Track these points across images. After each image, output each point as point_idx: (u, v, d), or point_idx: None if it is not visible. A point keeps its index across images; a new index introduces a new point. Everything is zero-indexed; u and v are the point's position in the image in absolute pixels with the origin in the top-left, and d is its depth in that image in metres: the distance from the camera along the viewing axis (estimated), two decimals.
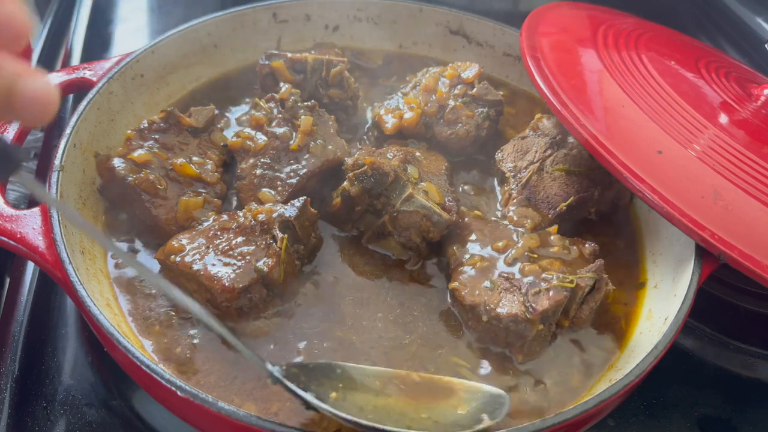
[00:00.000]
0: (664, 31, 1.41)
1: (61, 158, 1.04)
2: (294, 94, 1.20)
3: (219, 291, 0.93)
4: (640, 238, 1.20)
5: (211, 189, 1.10)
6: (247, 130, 1.18)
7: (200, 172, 1.10)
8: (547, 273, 0.98)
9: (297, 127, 1.16)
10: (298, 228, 1.02)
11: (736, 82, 1.24)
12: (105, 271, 1.03)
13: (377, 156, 1.10)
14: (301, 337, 0.98)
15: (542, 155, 1.20)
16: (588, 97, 1.11)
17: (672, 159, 1.02)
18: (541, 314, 0.94)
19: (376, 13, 1.52)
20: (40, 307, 1.08)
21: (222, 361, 0.94)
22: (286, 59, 1.28)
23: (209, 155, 1.14)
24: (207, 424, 0.84)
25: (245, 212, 1.03)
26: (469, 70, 1.32)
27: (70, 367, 1.02)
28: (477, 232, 1.08)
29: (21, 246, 0.95)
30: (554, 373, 0.98)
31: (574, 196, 1.14)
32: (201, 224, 1.03)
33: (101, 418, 0.96)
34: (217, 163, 1.14)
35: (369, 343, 0.98)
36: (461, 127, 1.26)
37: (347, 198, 1.09)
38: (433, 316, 1.03)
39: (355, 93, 1.33)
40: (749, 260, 0.91)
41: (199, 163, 1.12)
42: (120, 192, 1.07)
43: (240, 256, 0.96)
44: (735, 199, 0.98)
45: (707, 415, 1.08)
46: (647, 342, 0.97)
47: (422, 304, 1.05)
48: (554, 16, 1.34)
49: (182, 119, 1.15)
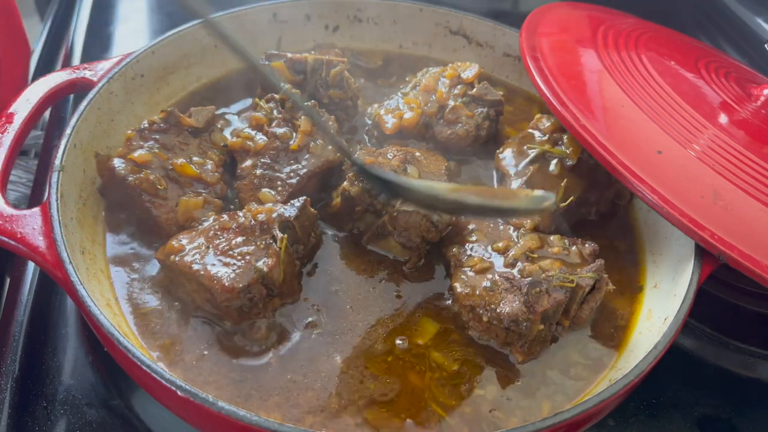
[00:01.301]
0: (664, 31, 1.41)
1: (62, 158, 1.04)
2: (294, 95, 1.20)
3: (219, 291, 0.93)
4: (640, 238, 1.20)
5: (211, 189, 1.10)
6: (247, 130, 1.18)
7: (200, 172, 1.10)
8: (548, 273, 0.98)
9: (297, 127, 1.16)
10: (297, 228, 1.02)
11: (735, 82, 1.25)
12: (105, 271, 1.03)
13: (377, 156, 1.11)
14: (300, 337, 0.98)
15: (542, 155, 1.20)
16: (588, 97, 1.11)
17: (672, 159, 1.02)
18: (542, 314, 0.94)
19: (376, 13, 1.52)
20: (40, 307, 1.08)
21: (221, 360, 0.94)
22: (286, 59, 1.28)
23: (209, 155, 1.14)
24: (207, 423, 0.84)
25: (245, 212, 1.03)
26: (469, 70, 1.32)
27: (70, 367, 1.02)
28: (477, 233, 1.08)
29: (21, 246, 0.95)
30: (554, 373, 0.98)
31: (573, 196, 1.14)
32: (201, 224, 1.03)
33: (101, 418, 0.96)
34: (217, 163, 1.14)
35: (368, 343, 0.98)
36: (461, 127, 1.26)
37: (347, 198, 1.09)
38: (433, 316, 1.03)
39: (355, 93, 1.33)
40: (749, 260, 0.91)
41: (199, 163, 1.12)
42: (120, 192, 1.07)
43: (240, 256, 0.96)
44: (735, 199, 0.98)
45: (707, 415, 1.08)
46: (647, 342, 0.97)
47: (422, 304, 1.05)
48: (554, 16, 1.34)
49: (182, 119, 1.15)
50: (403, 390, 0.94)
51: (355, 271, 1.08)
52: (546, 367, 0.99)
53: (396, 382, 0.94)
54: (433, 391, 0.94)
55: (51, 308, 1.09)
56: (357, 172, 1.07)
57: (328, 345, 0.98)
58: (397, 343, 0.99)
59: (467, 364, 0.98)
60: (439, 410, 0.92)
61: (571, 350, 1.01)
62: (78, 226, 1.03)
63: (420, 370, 0.96)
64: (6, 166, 1.04)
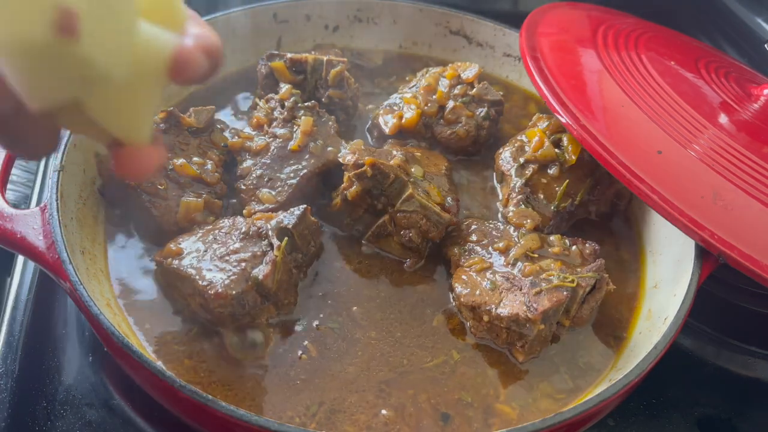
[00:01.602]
0: (664, 31, 1.41)
1: (62, 158, 1.04)
2: (294, 95, 1.20)
3: (212, 297, 0.92)
4: (640, 237, 1.20)
5: (211, 189, 1.10)
6: (248, 130, 1.18)
7: (200, 172, 1.10)
8: (548, 273, 0.98)
9: (297, 127, 1.16)
10: (296, 236, 1.01)
11: (736, 82, 1.25)
12: (105, 271, 1.03)
13: (377, 156, 1.11)
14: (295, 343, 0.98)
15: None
16: (588, 97, 1.12)
17: (672, 159, 1.02)
18: (543, 314, 0.94)
19: (376, 13, 1.52)
20: (40, 307, 1.08)
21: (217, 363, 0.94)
22: (286, 59, 1.28)
23: (209, 155, 1.14)
24: (207, 423, 0.84)
25: (245, 218, 1.03)
26: (469, 70, 1.32)
27: (70, 367, 1.02)
28: (477, 233, 1.08)
29: (21, 246, 0.95)
30: (554, 373, 0.98)
31: (573, 198, 1.14)
32: (201, 227, 1.03)
33: (101, 418, 0.96)
34: (217, 164, 1.14)
35: (368, 342, 0.99)
36: (461, 127, 1.26)
37: (347, 198, 1.09)
38: (434, 316, 1.03)
39: (355, 93, 1.33)
40: (749, 260, 0.91)
41: (200, 163, 1.11)
42: (120, 192, 1.07)
43: (236, 263, 0.96)
44: (735, 199, 0.98)
45: (707, 415, 1.08)
46: (647, 342, 0.97)
47: (423, 304, 1.05)
48: (554, 16, 1.34)
49: (182, 119, 1.14)
50: (404, 394, 0.94)
51: (355, 271, 1.08)
52: (546, 367, 0.99)
53: (397, 385, 0.94)
54: (434, 391, 0.94)
55: (51, 308, 1.09)
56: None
57: (324, 352, 0.98)
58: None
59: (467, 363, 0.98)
60: (439, 411, 0.92)
61: (572, 350, 1.01)
62: (78, 226, 1.03)
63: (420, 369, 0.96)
64: (6, 166, 1.04)
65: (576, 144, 1.15)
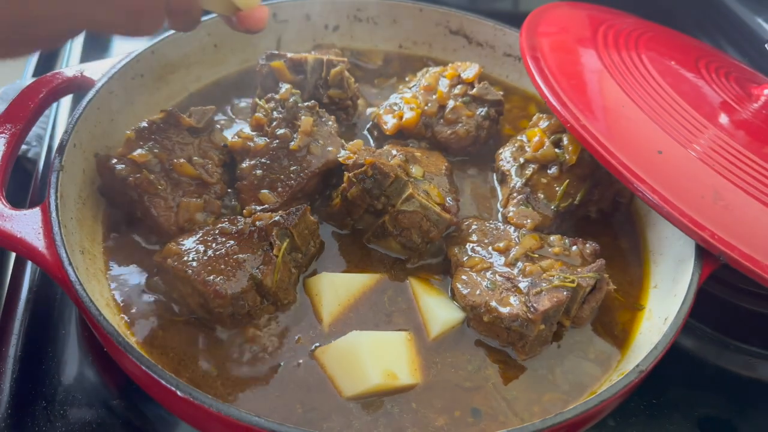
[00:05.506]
0: (664, 31, 1.41)
1: (61, 158, 1.04)
2: (294, 95, 1.20)
3: (211, 297, 0.92)
4: (641, 237, 1.19)
5: (211, 189, 1.10)
6: (247, 130, 1.18)
7: (200, 172, 1.10)
8: (548, 273, 0.98)
9: (297, 127, 1.15)
10: (296, 236, 1.01)
11: (736, 82, 1.24)
12: (105, 271, 1.03)
13: (377, 156, 1.10)
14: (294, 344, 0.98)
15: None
16: (588, 97, 1.11)
17: (672, 159, 1.02)
18: (543, 314, 0.94)
19: (376, 13, 1.52)
20: (40, 307, 1.08)
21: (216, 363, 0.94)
22: (286, 59, 1.28)
23: (209, 155, 1.14)
24: (206, 423, 0.84)
25: (244, 218, 1.03)
26: (469, 70, 1.31)
27: (70, 367, 1.02)
28: (477, 233, 1.08)
29: (21, 246, 0.94)
30: (554, 373, 0.98)
31: (573, 198, 1.14)
32: (200, 227, 1.03)
33: (101, 418, 0.96)
34: (217, 164, 1.14)
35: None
36: (461, 127, 1.26)
37: (347, 198, 1.09)
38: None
39: (355, 93, 1.33)
40: (749, 260, 0.91)
41: (199, 163, 1.11)
42: (120, 192, 1.07)
43: (235, 263, 0.96)
44: (735, 199, 0.98)
45: (707, 416, 1.08)
46: (647, 342, 0.97)
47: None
48: (554, 16, 1.34)
49: (182, 119, 1.14)
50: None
51: (355, 271, 1.08)
52: (546, 367, 0.99)
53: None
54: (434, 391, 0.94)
55: (51, 308, 1.09)
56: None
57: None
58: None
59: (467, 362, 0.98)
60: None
61: (572, 350, 1.01)
62: (78, 226, 1.03)
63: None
64: (6, 165, 1.04)
65: (576, 144, 1.14)
